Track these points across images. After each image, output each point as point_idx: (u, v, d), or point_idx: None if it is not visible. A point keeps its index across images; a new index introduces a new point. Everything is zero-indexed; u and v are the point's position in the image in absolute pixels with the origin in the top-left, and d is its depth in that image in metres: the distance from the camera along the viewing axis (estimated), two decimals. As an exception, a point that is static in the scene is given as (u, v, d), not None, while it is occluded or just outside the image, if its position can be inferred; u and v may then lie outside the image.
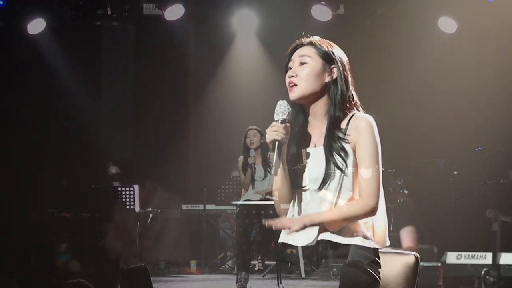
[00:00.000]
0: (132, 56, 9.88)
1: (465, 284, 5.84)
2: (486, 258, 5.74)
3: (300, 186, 2.69)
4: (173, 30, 9.06)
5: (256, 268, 8.00)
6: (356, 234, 2.60)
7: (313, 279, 7.27)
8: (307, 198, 2.67)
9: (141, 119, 9.96)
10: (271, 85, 8.71)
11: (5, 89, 8.78)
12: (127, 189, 8.30)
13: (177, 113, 9.93)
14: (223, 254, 8.74)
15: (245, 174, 6.89)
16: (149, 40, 9.64)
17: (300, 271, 7.40)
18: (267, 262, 8.02)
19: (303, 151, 2.70)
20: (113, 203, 8.20)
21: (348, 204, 2.59)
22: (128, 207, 8.26)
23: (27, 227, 7.83)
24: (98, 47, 9.55)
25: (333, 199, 2.61)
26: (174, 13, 8.59)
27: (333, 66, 2.70)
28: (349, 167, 2.61)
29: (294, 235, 2.67)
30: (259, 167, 6.86)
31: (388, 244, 2.69)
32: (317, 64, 2.69)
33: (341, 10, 8.76)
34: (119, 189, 8.35)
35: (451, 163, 7.97)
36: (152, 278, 3.96)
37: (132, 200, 8.28)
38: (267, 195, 6.73)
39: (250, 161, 6.81)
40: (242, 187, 7.17)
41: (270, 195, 6.33)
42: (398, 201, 7.09)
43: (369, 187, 2.58)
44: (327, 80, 2.70)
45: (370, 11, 8.79)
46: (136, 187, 8.37)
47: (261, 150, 6.87)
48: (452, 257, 5.88)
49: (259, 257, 8.03)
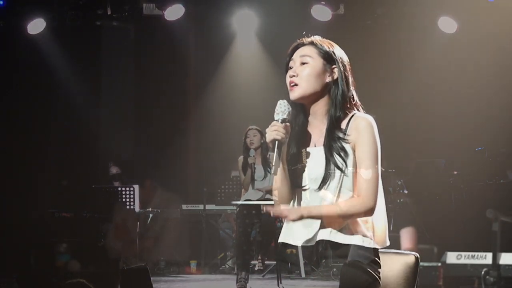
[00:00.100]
0: (132, 56, 9.88)
1: (465, 284, 5.84)
2: (486, 258, 5.75)
3: (300, 186, 2.68)
4: (173, 30, 9.06)
5: (256, 268, 8.01)
6: (356, 234, 2.60)
7: (313, 279, 7.27)
8: (307, 198, 2.67)
9: (141, 119, 9.96)
10: (271, 85, 8.72)
11: (5, 89, 8.78)
12: (127, 189, 8.31)
13: (177, 113, 9.92)
14: (223, 254, 8.74)
15: (245, 174, 6.88)
16: (149, 40, 9.64)
17: (300, 271, 7.40)
18: (267, 262, 8.03)
19: (303, 151, 2.70)
20: (113, 203, 8.20)
21: (347, 201, 2.59)
22: (128, 207, 8.26)
23: (27, 227, 7.83)
24: (98, 47, 9.54)
25: (333, 199, 2.61)
26: (174, 13, 8.59)
27: (334, 66, 2.70)
28: (349, 167, 2.61)
29: (294, 235, 2.67)
30: (259, 167, 6.86)
31: (388, 244, 2.69)
32: (318, 64, 2.68)
33: (341, 10, 8.76)
34: (119, 189, 8.36)
35: (451, 163, 7.97)
36: (152, 278, 3.96)
37: (132, 200, 8.28)
38: (267, 193, 6.73)
39: (250, 161, 6.81)
40: (242, 187, 7.17)
41: (270, 194, 6.33)
42: (398, 201, 7.09)
43: (368, 187, 2.58)
44: (328, 80, 2.69)
45: (370, 11, 8.80)
46: (136, 187, 8.38)
47: (261, 150, 6.86)
48: (452, 257, 5.88)
49: (259, 257, 8.03)
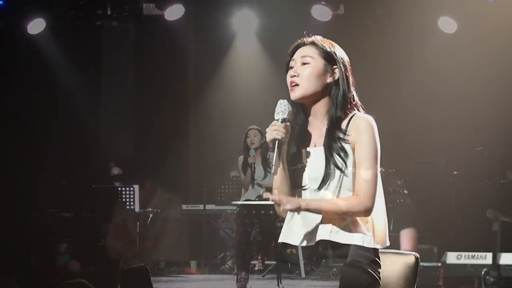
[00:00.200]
0: (132, 56, 9.87)
1: (465, 284, 5.84)
2: (486, 258, 5.75)
3: (300, 186, 2.68)
4: (173, 30, 9.05)
5: (256, 268, 8.00)
6: (356, 234, 2.60)
7: (313, 279, 7.27)
8: (307, 198, 2.67)
9: (141, 119, 9.95)
10: (271, 84, 8.72)
11: (5, 89, 8.77)
12: (127, 189, 8.31)
13: (177, 113, 9.92)
14: (223, 254, 8.74)
15: (245, 173, 6.88)
16: (149, 40, 9.63)
17: (300, 271, 7.41)
18: (267, 262, 8.02)
19: (303, 150, 2.70)
20: (113, 203, 8.20)
21: (346, 199, 2.59)
22: (128, 207, 8.26)
23: (27, 227, 7.83)
24: (98, 47, 9.53)
25: (332, 198, 2.61)
26: (174, 13, 8.59)
27: (335, 67, 2.69)
28: (349, 167, 2.61)
29: (294, 235, 2.67)
30: (259, 167, 6.86)
31: (388, 244, 2.69)
32: (319, 65, 2.68)
33: (341, 10, 8.76)
34: (119, 189, 8.35)
35: (451, 163, 7.97)
36: (152, 278, 3.96)
37: (132, 200, 8.28)
38: (267, 190, 6.71)
39: (250, 160, 6.81)
40: (242, 187, 7.17)
41: (270, 192, 6.32)
42: (398, 201, 7.08)
43: (367, 187, 2.59)
44: (329, 80, 2.69)
45: (370, 11, 8.79)
46: (136, 187, 8.37)
47: (261, 150, 6.87)
48: (452, 257, 5.88)
49: (259, 257, 8.03)
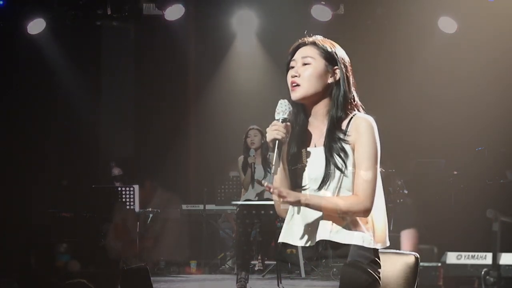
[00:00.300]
0: (132, 56, 9.87)
1: (465, 284, 5.84)
2: (486, 258, 5.75)
3: (300, 186, 2.68)
4: (173, 30, 9.05)
5: (256, 268, 8.00)
6: (356, 234, 2.60)
7: (313, 279, 7.26)
8: (307, 196, 2.67)
9: (141, 119, 9.95)
10: (271, 85, 8.72)
11: (5, 89, 8.77)
12: (127, 189, 8.30)
13: (177, 113, 9.92)
14: (223, 254, 8.73)
15: (245, 174, 6.88)
16: (149, 40, 9.63)
17: (300, 271, 7.40)
18: (267, 262, 8.02)
19: (303, 151, 2.70)
20: (113, 203, 8.20)
21: (346, 199, 2.59)
22: (128, 207, 8.26)
23: (27, 227, 7.83)
24: (98, 47, 9.53)
25: (332, 197, 2.61)
26: (174, 13, 8.58)
27: (335, 67, 2.69)
28: (349, 168, 2.61)
29: (294, 235, 2.67)
30: (259, 167, 6.86)
31: (388, 244, 2.69)
32: (320, 65, 2.68)
33: (341, 10, 8.75)
34: (119, 189, 8.35)
35: (451, 163, 7.98)
36: (152, 278, 3.96)
37: (132, 200, 8.28)
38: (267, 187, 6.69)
39: (250, 160, 6.81)
40: (242, 187, 7.16)
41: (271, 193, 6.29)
42: (398, 201, 7.08)
43: (367, 188, 2.59)
44: (329, 81, 2.69)
45: (370, 11, 8.79)
46: (136, 187, 8.37)
47: (262, 150, 6.87)
48: (452, 257, 5.88)
49: (259, 257, 8.02)
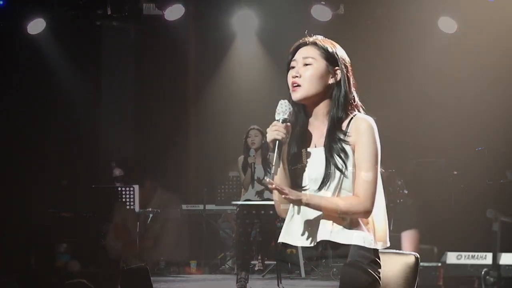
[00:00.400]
0: (132, 56, 9.87)
1: (465, 284, 5.84)
2: (486, 258, 5.75)
3: (300, 186, 2.68)
4: (173, 30, 9.04)
5: (256, 268, 8.00)
6: (357, 234, 2.60)
7: (313, 279, 7.24)
8: (308, 196, 2.67)
9: (141, 119, 9.95)
10: (271, 85, 8.70)
11: (5, 89, 8.77)
12: (127, 189, 8.30)
13: (177, 113, 9.91)
14: (223, 254, 8.73)
15: (245, 174, 6.88)
16: (149, 40, 9.63)
17: (300, 271, 7.40)
18: (267, 262, 8.02)
19: (303, 151, 2.70)
20: (113, 203, 8.20)
21: (346, 199, 2.60)
22: (128, 207, 8.26)
23: (27, 227, 7.83)
24: (98, 47, 9.53)
25: (333, 197, 2.61)
26: (174, 13, 8.58)
27: (336, 68, 2.69)
28: (349, 168, 2.61)
29: (294, 235, 2.68)
30: (259, 167, 6.86)
31: (389, 244, 2.69)
32: (321, 66, 2.68)
33: (341, 10, 8.74)
34: (119, 189, 8.35)
35: (451, 163, 7.97)
36: (152, 278, 3.96)
37: (132, 200, 8.27)
38: (267, 189, 6.70)
39: (250, 160, 6.81)
40: (242, 187, 7.16)
41: (271, 193, 6.31)
42: (398, 201, 7.08)
43: (367, 188, 2.59)
44: (330, 81, 2.69)
45: (370, 11, 8.78)
46: (136, 187, 8.37)
47: (262, 150, 6.87)
48: (452, 257, 5.88)
49: (259, 257, 8.02)
